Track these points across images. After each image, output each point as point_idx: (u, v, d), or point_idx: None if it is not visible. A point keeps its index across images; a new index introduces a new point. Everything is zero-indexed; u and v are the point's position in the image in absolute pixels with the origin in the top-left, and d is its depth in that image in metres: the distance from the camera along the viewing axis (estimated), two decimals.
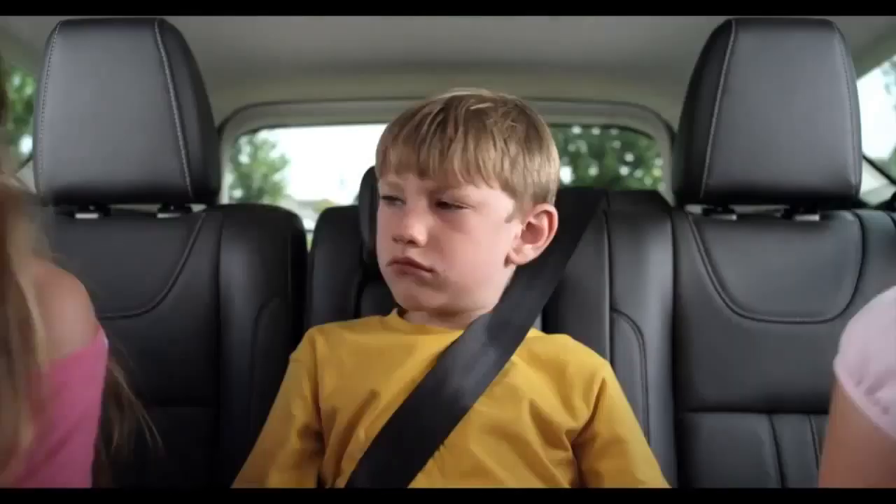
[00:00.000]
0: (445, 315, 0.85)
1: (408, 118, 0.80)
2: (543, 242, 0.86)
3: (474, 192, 0.78)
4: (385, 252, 0.82)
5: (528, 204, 0.83)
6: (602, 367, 0.85)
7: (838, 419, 0.66)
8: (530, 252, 0.85)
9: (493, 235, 0.81)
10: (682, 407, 1.01)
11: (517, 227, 0.83)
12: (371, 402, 0.80)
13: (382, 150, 0.81)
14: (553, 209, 0.85)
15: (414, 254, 0.78)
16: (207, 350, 1.02)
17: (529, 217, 0.84)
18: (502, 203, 0.80)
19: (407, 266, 0.79)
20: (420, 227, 0.77)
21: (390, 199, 0.81)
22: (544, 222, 0.85)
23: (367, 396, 0.80)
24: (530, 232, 0.85)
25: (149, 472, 0.93)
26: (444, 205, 0.78)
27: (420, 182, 0.78)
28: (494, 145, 0.78)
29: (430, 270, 0.78)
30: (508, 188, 0.80)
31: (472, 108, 0.79)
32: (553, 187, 0.86)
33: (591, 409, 0.82)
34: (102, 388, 0.66)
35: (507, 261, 0.84)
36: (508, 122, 0.80)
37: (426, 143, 0.77)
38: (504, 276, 0.87)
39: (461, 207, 0.78)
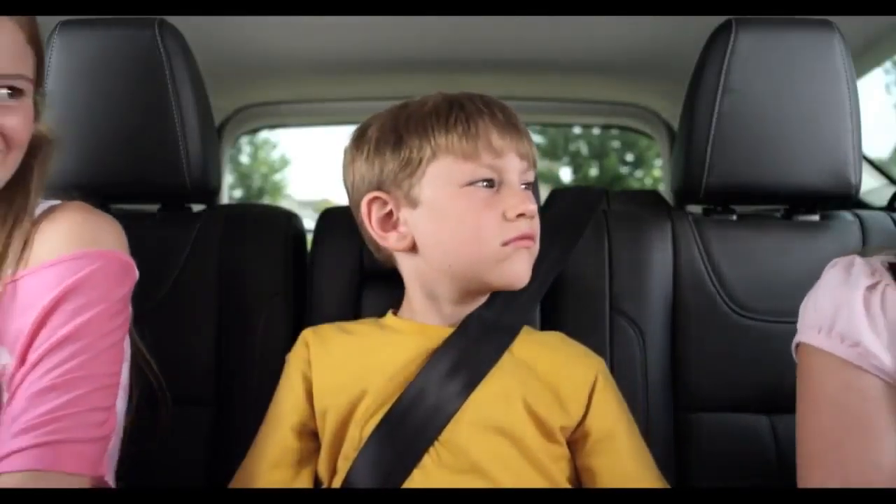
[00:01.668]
0: (464, 301, 0.85)
1: (487, 106, 0.82)
2: None
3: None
4: (497, 232, 0.80)
5: None
6: (596, 365, 0.86)
7: (811, 382, 0.74)
8: None
9: None
10: (683, 406, 1.01)
11: None
12: (363, 401, 0.80)
13: (485, 134, 0.80)
14: None
15: (534, 227, 0.82)
16: (207, 350, 1.02)
17: None
18: None
19: (531, 241, 0.82)
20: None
21: (489, 182, 0.81)
22: None
23: (359, 395, 0.80)
24: None
25: (149, 471, 0.93)
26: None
27: (519, 163, 0.82)
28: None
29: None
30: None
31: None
32: None
33: (585, 406, 0.82)
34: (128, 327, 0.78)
35: None
36: None
37: (516, 129, 0.82)
38: None
39: (529, 187, 0.85)
